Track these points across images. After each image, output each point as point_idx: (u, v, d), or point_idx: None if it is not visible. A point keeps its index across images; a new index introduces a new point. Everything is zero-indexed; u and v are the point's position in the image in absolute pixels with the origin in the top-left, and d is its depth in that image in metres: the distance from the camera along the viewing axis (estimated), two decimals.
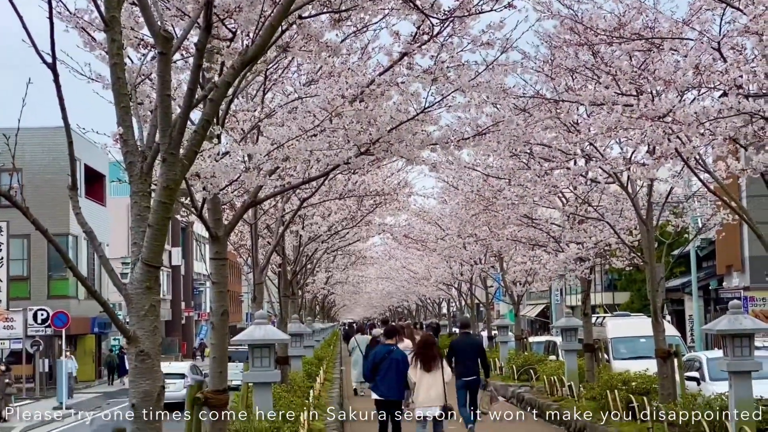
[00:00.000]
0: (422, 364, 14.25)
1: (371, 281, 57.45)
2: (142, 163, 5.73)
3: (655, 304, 15.31)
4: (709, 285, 44.89)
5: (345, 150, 9.35)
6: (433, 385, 14.14)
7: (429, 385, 14.16)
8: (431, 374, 14.17)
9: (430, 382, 14.16)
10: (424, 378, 14.20)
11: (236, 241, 20.97)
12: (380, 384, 14.86)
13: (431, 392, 14.13)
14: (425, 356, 14.34)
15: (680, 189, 17.02)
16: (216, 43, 7.81)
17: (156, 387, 5.59)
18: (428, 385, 14.16)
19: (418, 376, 14.24)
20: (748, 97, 8.81)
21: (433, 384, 14.14)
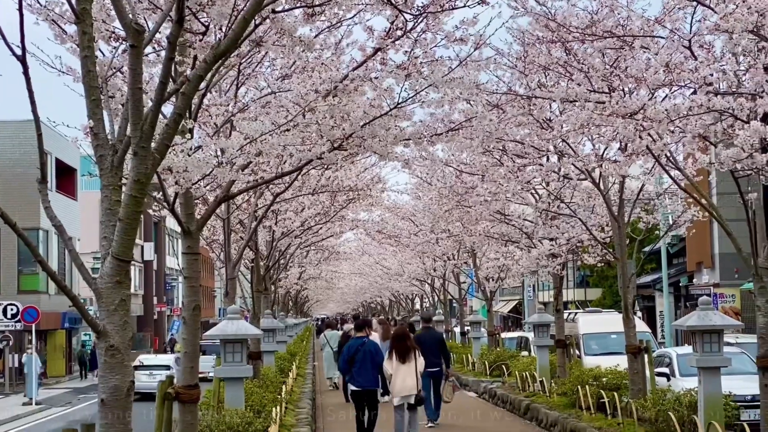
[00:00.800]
0: (398, 356, 15.01)
1: (344, 277, 57.44)
2: (112, 156, 5.70)
3: (626, 301, 15.42)
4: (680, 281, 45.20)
5: (318, 145, 9.34)
6: (408, 374, 14.92)
7: (404, 374, 14.93)
8: (406, 365, 14.94)
9: (406, 372, 14.93)
10: (400, 368, 14.96)
11: (209, 236, 20.89)
12: (356, 375, 15.67)
13: (407, 381, 14.90)
14: (400, 348, 15.07)
15: (651, 186, 17.16)
16: (188, 37, 7.78)
17: (126, 382, 5.57)
18: (404, 375, 14.93)
19: (395, 367, 15.00)
20: (718, 95, 8.87)
21: (408, 374, 14.92)
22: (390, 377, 15.10)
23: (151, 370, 31.52)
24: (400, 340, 15.32)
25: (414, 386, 14.92)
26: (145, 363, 33.60)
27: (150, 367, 32.46)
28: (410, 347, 15.12)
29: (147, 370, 31.91)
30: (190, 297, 9.31)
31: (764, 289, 11.34)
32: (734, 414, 13.18)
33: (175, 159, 7.69)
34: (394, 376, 15.01)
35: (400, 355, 15.01)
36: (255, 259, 19.56)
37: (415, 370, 14.99)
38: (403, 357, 14.99)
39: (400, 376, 14.97)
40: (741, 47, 8.80)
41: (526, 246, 21.08)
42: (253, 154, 9.24)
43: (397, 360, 15.01)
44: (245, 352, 13.29)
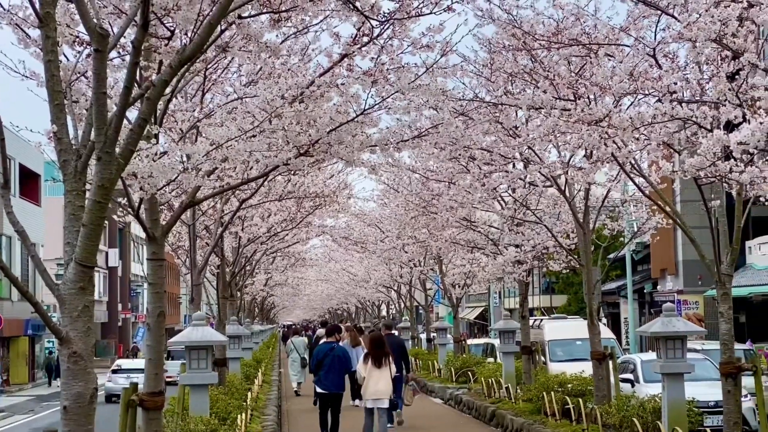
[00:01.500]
0: (373, 361, 15.40)
1: (311, 283, 57.30)
2: (76, 161, 5.65)
3: (591, 307, 15.50)
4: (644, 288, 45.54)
5: (284, 151, 9.32)
6: (381, 379, 15.34)
7: (377, 379, 15.34)
8: (380, 370, 15.36)
9: (379, 377, 15.34)
10: (374, 373, 15.36)
11: (174, 242, 20.78)
12: (324, 379, 16.37)
13: (380, 385, 15.32)
14: (376, 354, 15.47)
15: (616, 193, 17.28)
16: (154, 42, 7.74)
17: (89, 389, 5.51)
18: (377, 380, 15.34)
19: (368, 371, 15.40)
20: (682, 104, 8.95)
21: (381, 378, 15.34)
22: (363, 380, 15.48)
23: (129, 374, 31.96)
24: (378, 346, 15.65)
25: (388, 391, 15.38)
26: (123, 366, 34.78)
27: (128, 371, 33.15)
28: (387, 353, 15.53)
29: (125, 374, 32.83)
30: (154, 303, 9.25)
31: (727, 295, 11.45)
32: (697, 420, 13.29)
33: (140, 164, 7.64)
34: (367, 379, 15.37)
35: (376, 359, 15.38)
36: (221, 265, 19.46)
37: (389, 374, 15.42)
38: (379, 362, 15.35)
39: (374, 380, 15.34)
40: (704, 56, 8.88)
41: (492, 253, 21.14)
42: (219, 160, 9.20)
43: (373, 365, 15.37)
44: (210, 359, 13.23)
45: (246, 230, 20.07)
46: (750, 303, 35.80)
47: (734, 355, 11.57)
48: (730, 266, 11.50)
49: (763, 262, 36.07)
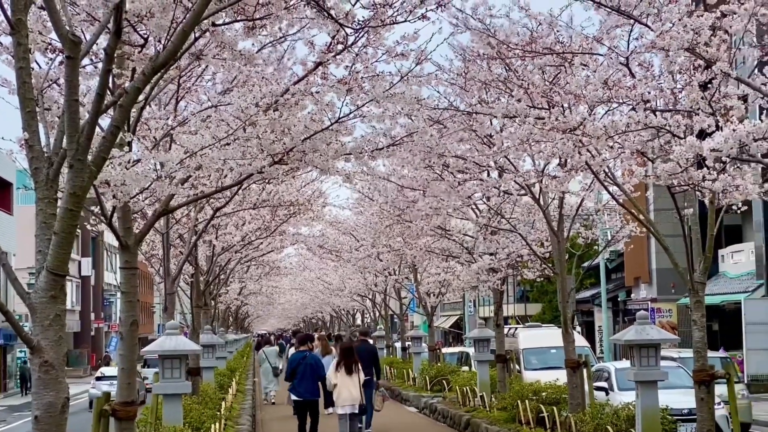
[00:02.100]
0: (344, 369, 15.98)
1: (285, 292, 57.17)
2: (48, 169, 5.60)
3: (565, 315, 15.53)
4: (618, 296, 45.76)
5: (259, 159, 9.29)
6: (352, 386, 15.94)
7: (349, 386, 15.92)
8: (350, 377, 15.95)
9: (350, 384, 15.93)
10: (345, 380, 15.94)
11: (148, 250, 20.67)
12: (298, 386, 16.82)
13: (352, 392, 15.91)
14: (347, 362, 16.03)
15: (590, 202, 17.34)
16: (127, 49, 7.70)
17: (60, 398, 5.46)
18: (348, 386, 15.92)
19: (340, 378, 15.96)
20: (655, 112, 9.00)
21: (352, 385, 15.94)
22: (334, 387, 15.96)
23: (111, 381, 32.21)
24: (347, 355, 16.21)
25: (358, 397, 15.94)
26: (106, 374, 35.43)
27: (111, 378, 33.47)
28: (356, 361, 16.09)
29: (108, 381, 33.42)
30: (127, 312, 9.18)
31: (700, 303, 11.51)
32: (671, 428, 13.33)
33: (112, 172, 7.59)
34: (339, 386, 15.90)
35: (347, 367, 15.94)
36: (195, 274, 19.38)
37: (358, 382, 16.01)
38: (349, 369, 15.93)
39: (346, 387, 15.90)
40: (677, 65, 8.93)
41: (467, 261, 21.16)
42: (193, 168, 9.16)
43: (344, 372, 15.94)
44: (184, 368, 13.15)
45: (220, 239, 20.01)
46: (722, 311, 36.04)
47: (707, 362, 11.63)
48: (703, 274, 11.56)
49: (735, 270, 36.35)
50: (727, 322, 36.18)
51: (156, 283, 36.81)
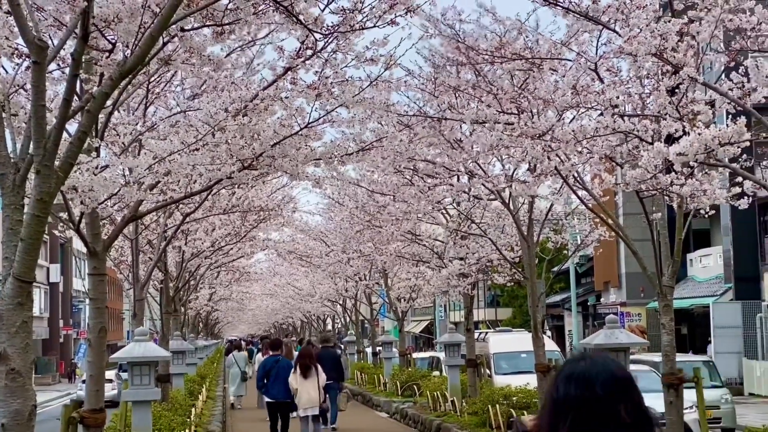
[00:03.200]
0: (301, 372, 17.09)
1: (256, 298, 56.94)
2: (14, 174, 5.56)
3: (535, 320, 15.57)
4: (588, 301, 46.00)
5: (228, 164, 9.26)
6: (311, 389, 17.03)
7: (308, 389, 17.02)
8: (309, 380, 17.04)
9: (309, 387, 17.02)
10: (304, 384, 17.03)
11: (117, 256, 20.54)
12: (271, 388, 17.86)
13: (311, 395, 16.99)
14: (303, 366, 17.19)
15: (560, 206, 17.41)
16: (95, 54, 7.65)
17: (27, 406, 5.41)
18: (308, 390, 17.02)
19: (299, 382, 17.04)
20: (623, 117, 9.05)
21: (311, 388, 17.03)
22: (296, 391, 17.04)
23: None
24: (303, 359, 17.42)
25: (317, 399, 17.04)
26: None
27: None
28: (311, 365, 17.18)
29: None
30: (96, 319, 9.12)
31: (668, 307, 11.57)
32: None
33: (80, 178, 7.54)
34: (299, 390, 17.00)
35: (303, 370, 17.08)
36: (164, 280, 19.28)
37: (317, 385, 17.09)
38: (305, 373, 17.04)
39: (305, 390, 17.00)
40: (645, 70, 8.99)
41: (437, 266, 21.19)
42: (162, 174, 9.12)
43: (301, 376, 17.04)
44: (153, 375, 13.06)
45: (189, 244, 19.91)
46: (691, 315, 36.32)
47: (675, 366, 11.70)
48: (672, 278, 11.63)
49: (703, 274, 36.64)
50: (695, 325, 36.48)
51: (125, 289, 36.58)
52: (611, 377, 2.64)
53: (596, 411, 2.58)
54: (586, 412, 2.58)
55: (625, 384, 2.65)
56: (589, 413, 2.57)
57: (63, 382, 61.05)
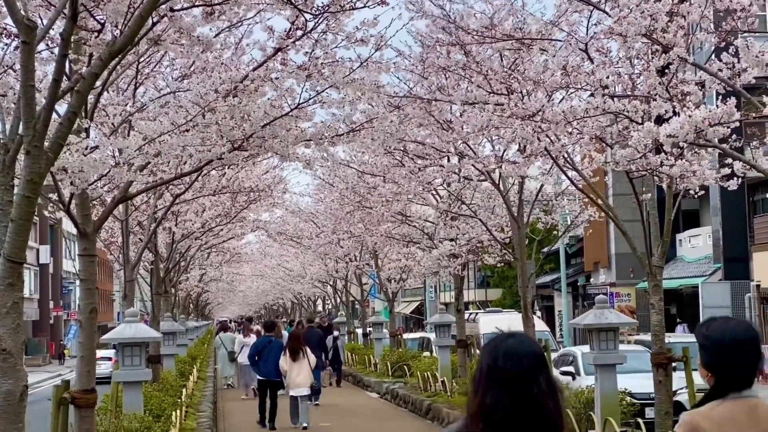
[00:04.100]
0: (291, 354, 17.76)
1: (246, 279, 56.98)
2: (4, 155, 5.56)
3: (525, 300, 15.62)
4: (578, 281, 46.14)
5: (218, 145, 9.24)
6: (300, 371, 17.67)
7: (297, 371, 17.67)
8: (298, 363, 17.70)
9: (298, 369, 17.68)
10: (293, 366, 17.69)
11: (107, 238, 20.52)
12: (262, 367, 18.72)
13: (300, 377, 17.61)
14: (292, 348, 17.86)
15: (550, 187, 17.44)
16: (84, 34, 7.62)
17: (19, 386, 5.42)
18: (297, 372, 17.67)
19: (289, 364, 17.73)
20: (614, 98, 9.05)
21: (300, 370, 17.67)
22: (286, 373, 17.78)
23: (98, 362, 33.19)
24: (293, 341, 18.18)
25: (307, 381, 17.66)
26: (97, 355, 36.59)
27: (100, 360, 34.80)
28: (299, 348, 17.85)
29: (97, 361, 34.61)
30: (86, 300, 9.12)
31: (658, 287, 11.62)
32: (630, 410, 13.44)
33: (70, 159, 7.52)
34: (289, 372, 17.69)
35: (292, 353, 17.76)
36: (154, 261, 19.27)
37: (307, 366, 17.76)
38: (294, 355, 17.73)
39: (295, 372, 17.65)
40: (635, 51, 8.99)
41: (428, 247, 21.22)
42: (152, 155, 9.10)
43: (290, 358, 17.72)
44: (144, 356, 13.09)
45: (180, 226, 19.90)
46: (680, 295, 36.47)
47: (665, 345, 11.75)
48: (661, 258, 11.68)
49: (692, 254, 36.77)
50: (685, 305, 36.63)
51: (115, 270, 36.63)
52: (534, 354, 3.28)
53: (523, 380, 3.20)
54: (515, 380, 3.20)
55: (543, 360, 3.28)
56: (518, 382, 3.20)
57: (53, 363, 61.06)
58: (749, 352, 3.85)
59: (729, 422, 3.80)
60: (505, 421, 3.20)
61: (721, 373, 3.87)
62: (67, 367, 54.15)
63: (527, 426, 3.20)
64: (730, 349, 3.83)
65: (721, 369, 3.86)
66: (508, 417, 3.19)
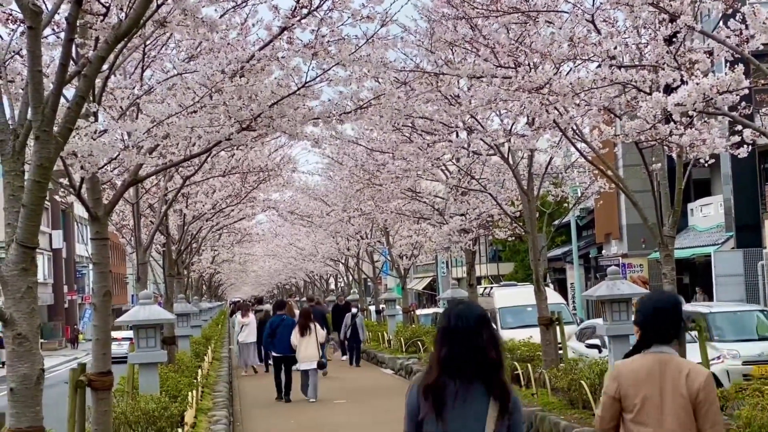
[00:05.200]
0: (300, 330, 19.17)
1: (258, 259, 57.10)
2: (14, 141, 5.57)
3: (536, 273, 15.64)
4: (590, 253, 46.08)
5: (226, 126, 9.25)
6: (309, 346, 19.08)
7: (306, 346, 19.07)
8: (306, 338, 19.10)
9: (307, 344, 19.08)
10: (302, 341, 19.09)
11: (119, 221, 20.59)
12: (277, 344, 20.00)
13: (308, 351, 19.01)
14: (302, 325, 19.31)
15: (559, 159, 17.41)
16: (90, 18, 7.62)
17: (35, 370, 5.46)
18: (305, 346, 19.06)
19: (299, 339, 19.11)
20: (621, 68, 9.02)
21: (309, 345, 19.08)
22: (296, 348, 19.06)
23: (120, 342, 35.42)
24: (303, 317, 19.58)
25: (315, 355, 19.02)
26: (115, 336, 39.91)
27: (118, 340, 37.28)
28: (308, 324, 19.23)
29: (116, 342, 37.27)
30: (100, 283, 9.17)
31: (669, 257, 11.62)
32: None
33: (79, 143, 7.54)
34: (298, 347, 19.03)
35: (301, 329, 19.14)
36: (166, 243, 19.34)
37: (315, 341, 19.15)
38: (302, 331, 19.11)
39: (304, 347, 19.02)
40: (642, 20, 8.95)
41: (438, 222, 21.23)
42: (161, 137, 9.11)
43: (299, 333, 19.09)
44: (159, 338, 13.16)
45: (190, 207, 19.95)
46: (693, 264, 36.40)
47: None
48: (672, 228, 11.67)
49: (704, 223, 36.68)
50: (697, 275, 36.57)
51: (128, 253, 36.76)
52: (478, 315, 4.32)
53: (470, 334, 4.25)
54: (464, 335, 4.25)
55: (486, 319, 4.32)
56: (466, 336, 4.25)
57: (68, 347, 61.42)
58: (666, 317, 5.02)
59: (645, 372, 4.95)
60: (457, 366, 4.20)
61: (643, 330, 5.06)
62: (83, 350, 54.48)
63: (473, 369, 4.21)
64: (651, 313, 5.04)
65: (643, 328, 5.07)
66: (460, 363, 4.20)
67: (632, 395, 4.96)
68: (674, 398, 4.88)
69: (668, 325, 5.01)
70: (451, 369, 4.20)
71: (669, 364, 4.94)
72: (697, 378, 4.90)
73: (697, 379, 4.90)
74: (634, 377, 4.96)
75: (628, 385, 4.97)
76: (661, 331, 4.99)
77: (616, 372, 5.07)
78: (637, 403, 4.94)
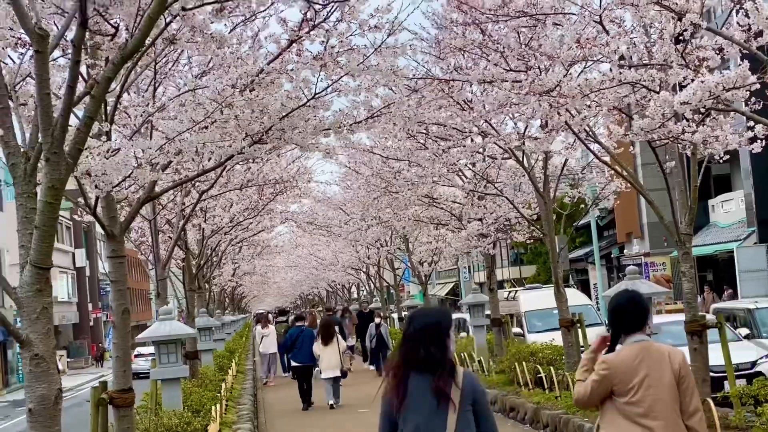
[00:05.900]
0: (322, 340, 19.90)
1: (279, 270, 57.18)
2: (25, 164, 5.63)
3: (556, 275, 15.61)
4: (611, 253, 45.93)
5: (238, 140, 9.29)
6: (332, 355, 19.78)
7: (329, 355, 19.75)
8: (329, 347, 19.79)
9: (330, 353, 19.75)
10: (325, 350, 19.79)
11: (137, 238, 20.69)
12: (297, 354, 21.01)
13: (331, 360, 19.71)
14: (324, 334, 20.05)
15: (574, 161, 17.38)
16: (99, 39, 7.69)
17: (53, 390, 5.50)
18: (329, 356, 19.74)
19: (321, 349, 19.83)
20: (630, 67, 9.01)
21: (332, 354, 19.78)
22: (318, 357, 19.82)
23: (146, 357, 37.44)
24: (325, 328, 20.33)
25: (337, 364, 19.73)
26: (142, 352, 42.51)
27: (145, 355, 40.15)
28: (332, 333, 19.92)
29: (143, 358, 39.74)
30: (118, 301, 9.22)
31: (688, 255, 11.58)
32: None
33: (92, 162, 7.60)
34: (321, 356, 19.75)
35: (324, 339, 19.87)
36: (186, 258, 19.41)
37: (337, 350, 19.85)
38: (326, 341, 19.82)
39: (327, 357, 19.69)
40: (649, 19, 8.94)
41: (456, 228, 21.22)
42: (173, 153, 9.16)
43: (322, 343, 19.82)
44: (180, 352, 13.21)
45: (209, 221, 20.03)
46: (716, 261, 36.20)
47: (699, 313, 11.70)
48: (689, 226, 11.63)
49: (726, 219, 36.47)
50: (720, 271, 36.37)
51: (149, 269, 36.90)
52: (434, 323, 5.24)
53: (424, 338, 5.15)
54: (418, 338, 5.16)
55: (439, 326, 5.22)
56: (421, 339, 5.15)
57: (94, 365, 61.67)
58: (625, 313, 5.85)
59: (631, 359, 5.73)
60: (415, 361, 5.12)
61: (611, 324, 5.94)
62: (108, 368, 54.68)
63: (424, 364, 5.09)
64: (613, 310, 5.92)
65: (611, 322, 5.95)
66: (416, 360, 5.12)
67: (627, 381, 5.70)
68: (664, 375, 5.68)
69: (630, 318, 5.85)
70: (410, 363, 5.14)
71: (650, 349, 5.78)
72: (676, 357, 5.77)
73: (677, 357, 5.77)
74: (626, 365, 5.72)
75: (621, 372, 5.71)
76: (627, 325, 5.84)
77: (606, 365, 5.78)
78: (634, 385, 5.69)
